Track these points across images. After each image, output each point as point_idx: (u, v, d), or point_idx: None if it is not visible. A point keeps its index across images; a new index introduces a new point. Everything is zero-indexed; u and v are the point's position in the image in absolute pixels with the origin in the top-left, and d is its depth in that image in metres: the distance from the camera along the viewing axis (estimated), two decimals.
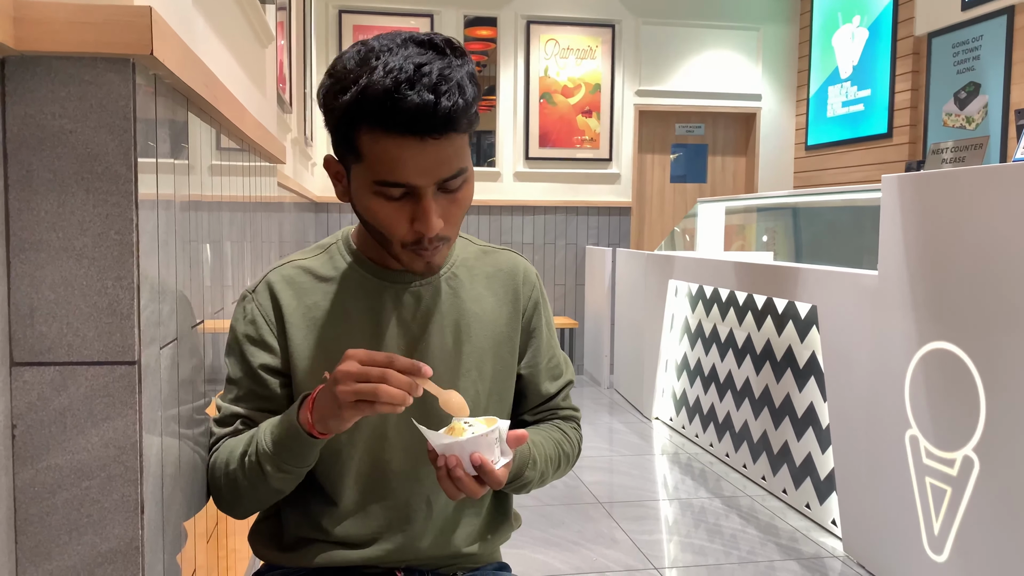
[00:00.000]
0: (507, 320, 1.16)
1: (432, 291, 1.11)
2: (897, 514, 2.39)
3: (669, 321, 4.42)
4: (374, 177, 0.95)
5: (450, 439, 0.94)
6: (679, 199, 6.39)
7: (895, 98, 5.10)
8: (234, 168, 1.57)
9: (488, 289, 1.16)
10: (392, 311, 1.09)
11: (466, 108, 0.93)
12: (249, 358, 1.08)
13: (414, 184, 0.95)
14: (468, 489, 0.95)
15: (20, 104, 0.79)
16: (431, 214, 0.96)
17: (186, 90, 1.04)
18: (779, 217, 5.00)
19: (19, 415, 0.80)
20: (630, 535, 2.89)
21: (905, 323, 2.35)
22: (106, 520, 0.82)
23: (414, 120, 0.90)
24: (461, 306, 1.12)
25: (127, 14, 0.79)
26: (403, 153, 0.92)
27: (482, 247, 1.20)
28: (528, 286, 1.19)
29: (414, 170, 0.94)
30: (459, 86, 0.92)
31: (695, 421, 4.12)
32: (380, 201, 0.97)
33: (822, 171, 5.90)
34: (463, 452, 0.94)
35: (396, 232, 0.99)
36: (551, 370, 1.22)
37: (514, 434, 1.00)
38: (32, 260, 0.80)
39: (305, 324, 1.08)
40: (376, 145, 0.93)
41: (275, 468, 1.00)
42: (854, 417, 2.63)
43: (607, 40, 6.03)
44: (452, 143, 0.94)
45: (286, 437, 0.99)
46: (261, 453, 1.01)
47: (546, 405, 1.23)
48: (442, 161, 0.94)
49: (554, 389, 1.22)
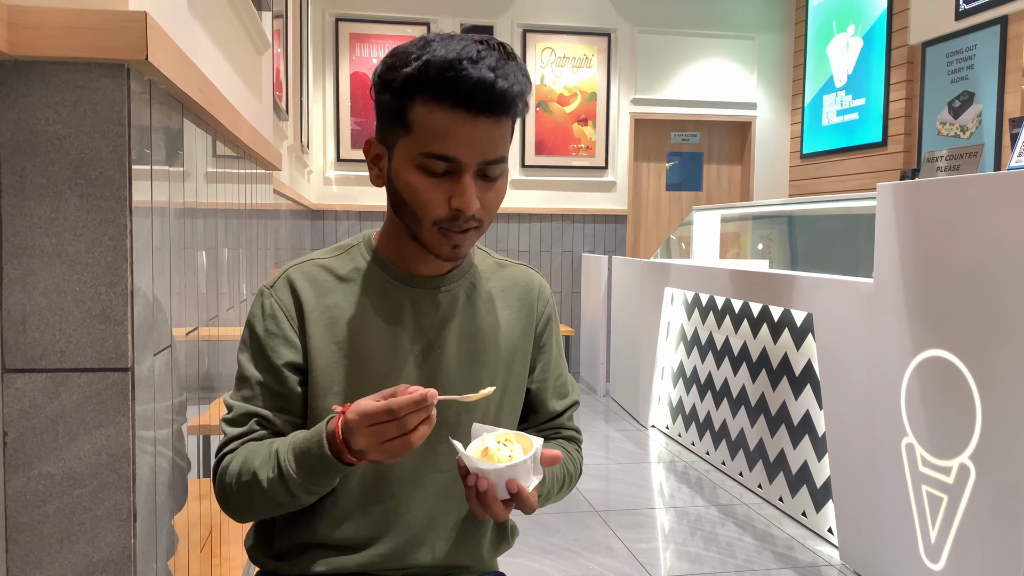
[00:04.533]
0: (521, 333, 1.17)
1: (450, 298, 1.11)
2: (893, 522, 2.38)
3: (665, 329, 4.41)
4: (422, 149, 0.97)
5: (488, 465, 0.92)
6: (675, 207, 6.40)
7: (889, 107, 5.12)
8: (229, 175, 1.57)
9: (504, 301, 1.17)
10: (410, 315, 1.09)
11: (520, 94, 0.97)
12: (269, 354, 1.05)
13: (460, 159, 0.96)
14: (496, 513, 0.95)
15: (14, 109, 0.78)
16: (470, 190, 0.97)
17: (181, 96, 1.03)
18: (774, 225, 5.01)
19: (10, 422, 0.79)
20: (626, 543, 2.88)
21: (901, 331, 2.35)
22: (98, 528, 0.81)
23: (472, 94, 0.94)
24: (478, 315, 1.13)
25: (122, 19, 0.78)
26: (456, 127, 0.95)
27: (499, 260, 1.21)
28: (543, 302, 1.20)
29: (463, 145, 0.96)
30: (515, 73, 0.97)
31: (691, 429, 4.11)
32: (421, 176, 0.98)
33: (817, 179, 5.92)
34: (500, 478, 0.92)
35: (431, 208, 0.99)
36: (558, 388, 1.22)
37: (548, 453, 0.98)
38: (25, 266, 0.79)
39: (323, 322, 1.07)
40: (430, 116, 0.96)
41: (305, 492, 0.99)
42: (850, 425, 2.63)
43: (603, 49, 6.05)
44: (500, 127, 0.97)
45: (321, 465, 0.96)
46: (289, 479, 0.98)
47: (552, 423, 1.23)
48: (490, 142, 0.97)
49: (560, 407, 1.22)
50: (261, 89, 2.35)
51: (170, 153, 1.01)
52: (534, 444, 0.95)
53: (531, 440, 0.96)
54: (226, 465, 1.04)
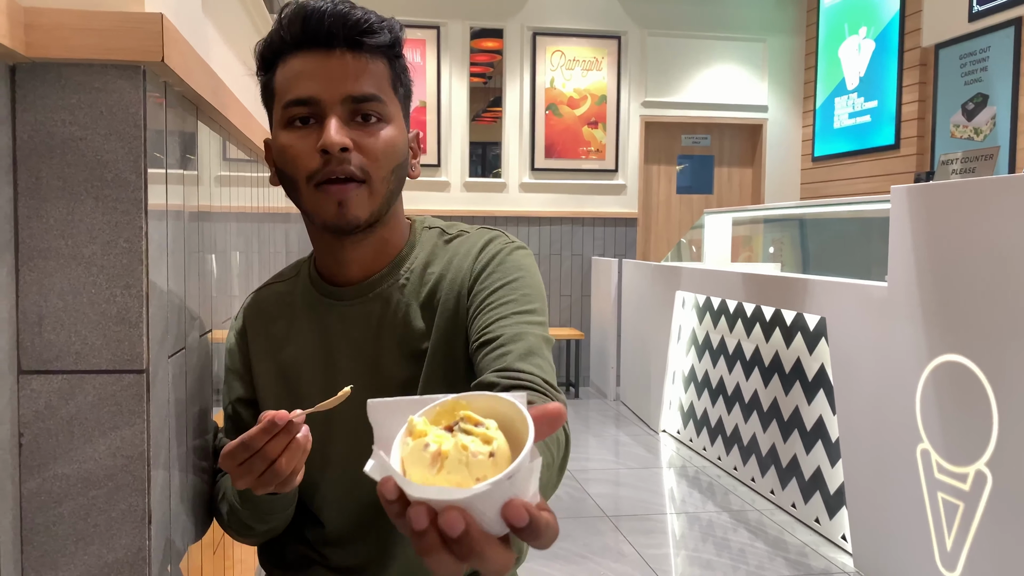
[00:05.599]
0: (455, 309, 0.97)
1: (382, 304, 0.98)
2: (909, 529, 2.36)
3: (676, 332, 4.40)
4: (282, 102, 0.92)
5: (471, 491, 0.44)
6: (685, 210, 6.38)
7: (902, 109, 5.09)
8: (242, 178, 1.57)
9: (446, 282, 0.98)
10: (340, 332, 0.99)
11: (364, 20, 0.90)
12: (227, 389, 1.07)
13: (317, 97, 0.89)
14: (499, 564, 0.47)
15: (30, 111, 0.78)
16: (332, 126, 0.88)
17: (195, 98, 1.03)
18: (786, 228, 4.99)
19: (26, 424, 0.79)
20: (637, 549, 2.86)
21: (915, 335, 2.33)
22: (113, 530, 0.81)
23: (307, 23, 0.90)
24: (414, 316, 0.98)
25: (138, 21, 0.78)
26: (307, 66, 0.90)
27: (449, 236, 1.03)
28: (484, 258, 0.97)
29: (317, 81, 0.89)
30: (367, 10, 0.92)
31: (703, 434, 4.09)
32: (288, 133, 0.91)
33: (829, 182, 5.89)
34: (489, 506, 0.45)
35: (302, 162, 0.89)
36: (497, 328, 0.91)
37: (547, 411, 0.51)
38: (41, 268, 0.79)
39: (266, 351, 1.04)
40: (285, 70, 0.92)
41: (260, 522, 1.00)
42: (864, 430, 2.61)
43: (613, 52, 6.04)
44: (360, 60, 0.91)
45: (252, 498, 0.95)
46: (240, 512, 1.00)
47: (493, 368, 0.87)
48: (349, 75, 0.90)
49: (496, 344, 0.89)
50: None
51: (184, 155, 1.01)
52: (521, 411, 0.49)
53: (509, 402, 0.50)
54: (216, 492, 1.08)
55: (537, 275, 0.99)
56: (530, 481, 0.47)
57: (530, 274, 0.97)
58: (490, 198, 5.98)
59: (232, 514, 1.02)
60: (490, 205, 5.97)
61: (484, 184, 6.00)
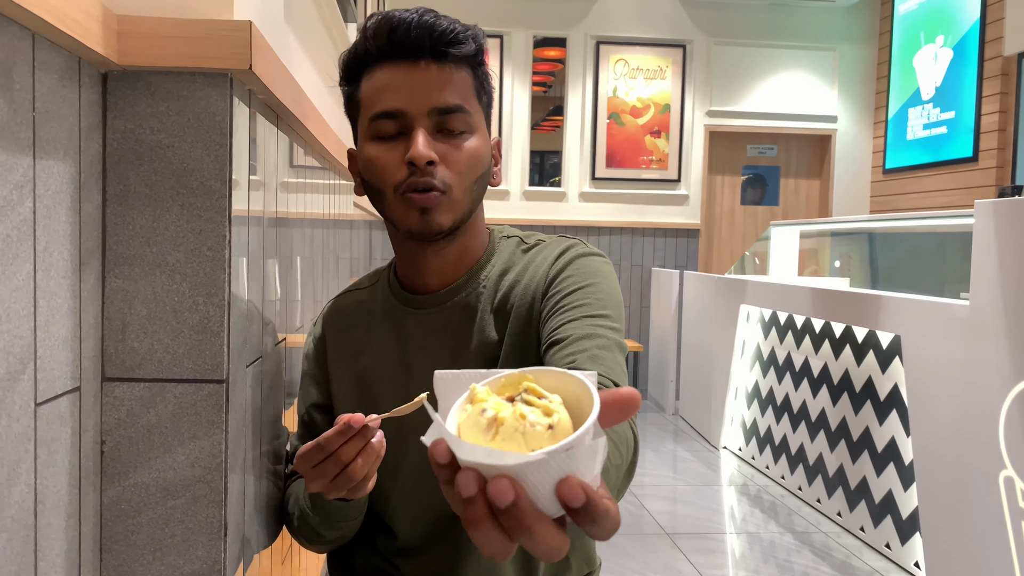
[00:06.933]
0: (529, 316, 0.96)
1: (460, 312, 0.99)
2: (989, 559, 2.24)
3: (740, 347, 4.30)
4: (369, 115, 0.92)
5: (512, 457, 0.41)
6: (749, 222, 6.25)
7: (981, 120, 4.90)
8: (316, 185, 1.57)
9: (523, 290, 0.98)
10: (418, 339, 1.00)
11: (450, 31, 0.90)
12: (303, 393, 1.08)
13: (405, 110, 0.89)
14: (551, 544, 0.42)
15: (120, 119, 0.78)
16: (420, 138, 0.88)
17: (277, 105, 1.03)
18: (854, 242, 4.84)
19: (108, 431, 0.79)
20: (697, 567, 2.79)
21: (1000, 356, 2.22)
22: (190, 541, 0.80)
23: (394, 35, 0.89)
24: (494, 321, 0.98)
25: (228, 28, 0.78)
26: (393, 79, 0.90)
27: (527, 244, 1.03)
28: (560, 263, 0.96)
29: (403, 94, 0.89)
30: (452, 20, 0.91)
31: (766, 451, 3.98)
32: (376, 145, 0.91)
33: (901, 195, 5.71)
34: (545, 479, 0.41)
35: (389, 174, 0.90)
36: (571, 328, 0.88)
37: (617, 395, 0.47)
38: (126, 275, 0.79)
39: (345, 358, 1.05)
40: (371, 82, 0.92)
41: (329, 529, 0.99)
42: (941, 454, 2.49)
43: (678, 60, 5.97)
44: (445, 71, 0.90)
45: (323, 504, 0.95)
46: (310, 518, 0.99)
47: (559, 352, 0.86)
48: (434, 87, 0.90)
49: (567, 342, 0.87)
50: None
51: (264, 163, 1.01)
52: (588, 387, 0.46)
53: (577, 379, 0.47)
54: (286, 499, 1.08)
55: (614, 283, 0.97)
56: (592, 462, 0.42)
57: (607, 281, 0.95)
58: (550, 207, 5.95)
59: (302, 520, 1.01)
60: (549, 214, 5.94)
61: (544, 193, 5.98)
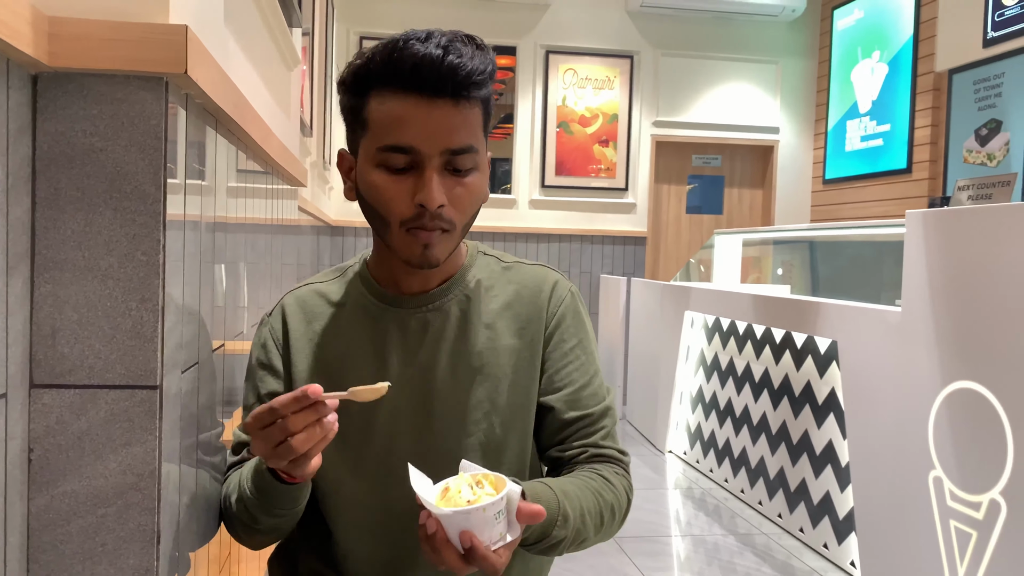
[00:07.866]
0: (528, 344, 1.03)
1: (441, 317, 1.02)
2: (920, 557, 2.32)
3: (685, 353, 4.37)
4: (379, 143, 0.91)
5: (436, 508, 0.79)
6: (695, 230, 6.37)
7: (915, 133, 5.08)
8: (257, 190, 1.56)
9: (508, 310, 1.04)
10: (396, 338, 1.02)
11: (476, 71, 0.90)
12: (258, 383, 1.06)
13: (418, 148, 0.90)
14: (449, 563, 0.79)
15: (51, 121, 0.77)
16: (432, 184, 0.90)
17: (215, 110, 1.03)
18: (796, 250, 4.97)
19: (36, 439, 0.78)
20: (643, 571, 2.82)
21: (929, 361, 2.31)
22: (121, 550, 0.79)
23: (418, 71, 0.88)
24: (473, 332, 1.02)
25: (163, 32, 0.77)
26: (409, 113, 0.89)
27: (507, 264, 1.09)
28: (556, 300, 1.06)
29: (419, 133, 0.89)
30: (472, 52, 0.90)
31: (710, 455, 4.06)
32: (382, 174, 0.92)
33: (840, 205, 5.88)
34: (451, 526, 0.78)
35: (395, 208, 0.92)
36: (584, 399, 1.04)
37: (528, 509, 0.81)
38: (57, 279, 0.78)
39: (309, 349, 1.04)
40: (383, 106, 0.91)
41: (266, 514, 0.97)
42: (875, 456, 2.58)
43: (625, 71, 6.06)
44: (461, 112, 0.91)
45: (264, 484, 0.94)
46: (248, 500, 0.97)
47: (575, 442, 1.04)
48: (449, 129, 0.90)
49: (574, 417, 1.04)
50: (289, 105, 2.35)
51: (201, 167, 1.00)
52: (507, 486, 0.79)
53: (505, 482, 0.80)
54: (224, 492, 1.06)
55: (590, 324, 1.11)
56: (490, 528, 0.78)
57: (588, 324, 1.10)
58: (499, 214, 5.98)
59: (240, 502, 0.99)
60: (499, 221, 5.96)
61: (494, 200, 6.00)
